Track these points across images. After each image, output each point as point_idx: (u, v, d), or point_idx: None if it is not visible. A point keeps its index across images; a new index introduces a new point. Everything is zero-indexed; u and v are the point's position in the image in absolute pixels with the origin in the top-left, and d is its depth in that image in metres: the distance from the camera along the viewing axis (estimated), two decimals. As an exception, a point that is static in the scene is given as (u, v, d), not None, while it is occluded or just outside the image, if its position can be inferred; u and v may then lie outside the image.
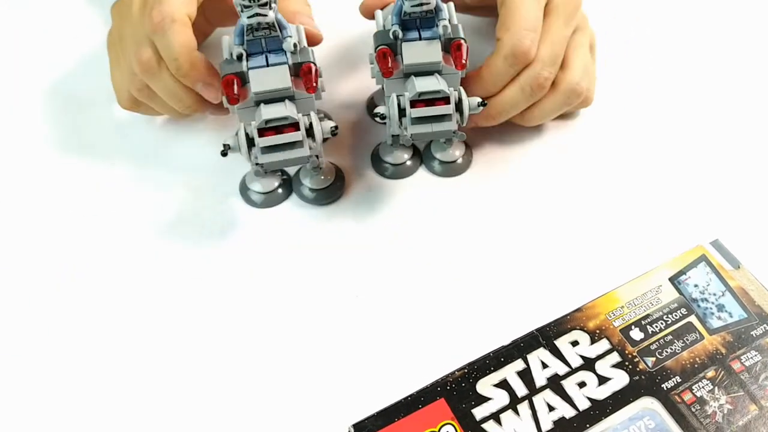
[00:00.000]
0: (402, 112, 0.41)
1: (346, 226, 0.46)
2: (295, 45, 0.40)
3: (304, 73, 0.41)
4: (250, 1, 0.38)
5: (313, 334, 0.41)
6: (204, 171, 0.48)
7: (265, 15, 0.38)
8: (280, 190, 0.47)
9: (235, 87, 0.40)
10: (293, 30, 0.41)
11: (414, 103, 0.41)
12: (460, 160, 0.48)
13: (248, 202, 0.47)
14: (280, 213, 0.47)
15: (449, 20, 0.42)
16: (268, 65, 0.40)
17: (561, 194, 0.47)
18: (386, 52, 0.41)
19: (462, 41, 0.41)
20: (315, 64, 0.41)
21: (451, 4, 0.43)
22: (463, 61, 0.41)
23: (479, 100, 0.42)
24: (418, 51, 0.42)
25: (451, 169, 0.48)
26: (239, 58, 0.40)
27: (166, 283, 0.44)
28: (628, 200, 0.47)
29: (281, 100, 0.41)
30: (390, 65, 0.41)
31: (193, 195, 0.47)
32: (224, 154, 0.41)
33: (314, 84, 0.41)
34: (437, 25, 0.41)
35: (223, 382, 0.40)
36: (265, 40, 0.40)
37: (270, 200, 0.47)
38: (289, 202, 0.47)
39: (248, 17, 0.38)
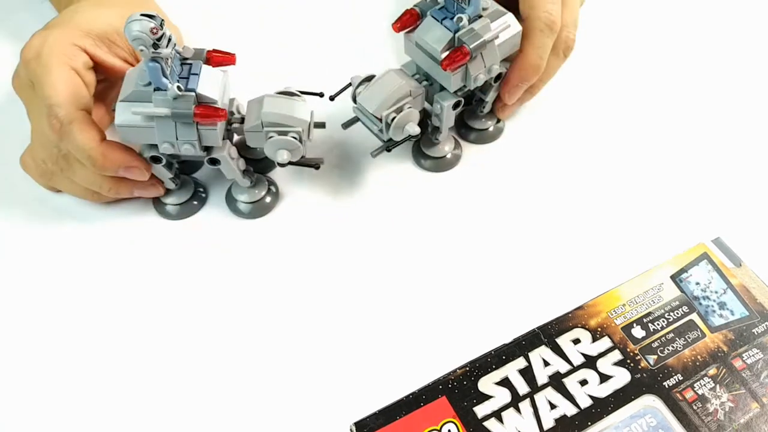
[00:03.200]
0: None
1: (353, 222, 0.46)
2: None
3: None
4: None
5: (314, 332, 0.41)
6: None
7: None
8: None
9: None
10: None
11: None
12: (449, 156, 0.49)
13: (235, 212, 0.46)
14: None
15: (476, 14, 0.42)
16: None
17: (563, 192, 0.47)
18: (412, 13, 0.43)
19: (466, 48, 0.41)
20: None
21: None
22: (451, 66, 0.41)
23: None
24: (430, 32, 0.42)
25: (441, 165, 0.48)
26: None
27: (166, 279, 0.44)
28: (630, 198, 0.47)
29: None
30: (402, 23, 0.43)
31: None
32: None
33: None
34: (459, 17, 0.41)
35: (224, 381, 0.40)
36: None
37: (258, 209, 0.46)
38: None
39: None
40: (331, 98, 0.45)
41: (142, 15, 0.36)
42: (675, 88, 0.53)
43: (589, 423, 0.36)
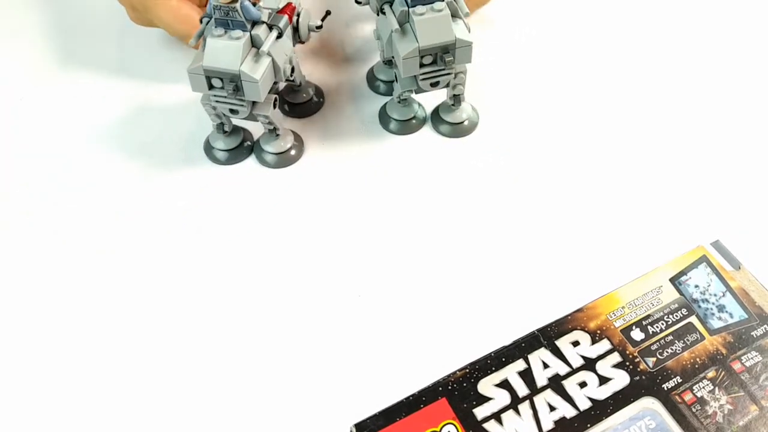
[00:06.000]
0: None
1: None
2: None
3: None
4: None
5: (313, 333, 0.41)
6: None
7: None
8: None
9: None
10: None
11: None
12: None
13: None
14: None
15: None
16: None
17: (562, 194, 0.47)
18: None
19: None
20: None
21: None
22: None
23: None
24: None
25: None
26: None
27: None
28: (629, 201, 0.47)
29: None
30: None
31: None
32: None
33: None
34: None
35: (223, 381, 0.40)
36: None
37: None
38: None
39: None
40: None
41: None
42: (675, 89, 0.53)
43: (589, 425, 0.36)
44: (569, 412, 0.36)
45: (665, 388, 0.37)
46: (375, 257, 0.44)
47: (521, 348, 0.38)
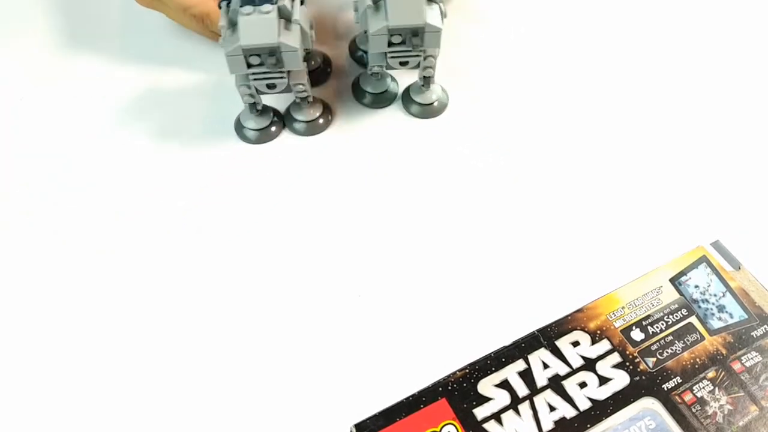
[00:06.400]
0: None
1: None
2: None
3: None
4: None
5: (314, 334, 0.41)
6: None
7: None
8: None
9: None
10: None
11: None
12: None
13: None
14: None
15: None
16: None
17: (563, 195, 0.47)
18: None
19: None
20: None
21: None
22: None
23: None
24: None
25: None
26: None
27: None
28: (629, 201, 0.47)
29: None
30: None
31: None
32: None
33: None
34: None
35: (223, 381, 0.40)
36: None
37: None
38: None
39: None
40: None
41: None
42: (675, 89, 0.53)
43: (589, 425, 0.36)
44: (569, 413, 0.36)
45: (665, 389, 0.37)
46: (374, 258, 0.44)
47: (521, 348, 0.38)
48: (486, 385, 0.37)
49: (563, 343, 0.38)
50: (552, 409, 0.36)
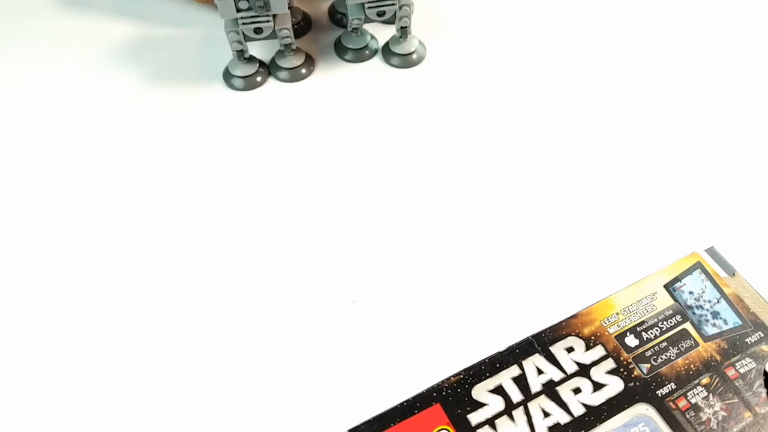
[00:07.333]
0: None
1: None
2: None
3: None
4: None
5: (308, 339, 0.41)
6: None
7: None
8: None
9: None
10: None
11: None
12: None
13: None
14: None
15: None
16: None
17: (557, 201, 0.47)
18: None
19: None
20: None
21: None
22: None
23: None
24: None
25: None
26: None
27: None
28: (624, 207, 0.47)
29: None
30: None
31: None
32: None
33: None
34: None
35: (218, 386, 0.40)
36: None
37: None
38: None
39: None
40: None
41: None
42: (670, 96, 0.53)
43: (583, 431, 0.36)
44: (563, 418, 0.36)
45: (659, 395, 0.37)
46: (368, 263, 0.44)
47: (515, 354, 0.38)
48: (480, 391, 0.37)
49: (557, 349, 0.38)
50: (546, 414, 0.36)
